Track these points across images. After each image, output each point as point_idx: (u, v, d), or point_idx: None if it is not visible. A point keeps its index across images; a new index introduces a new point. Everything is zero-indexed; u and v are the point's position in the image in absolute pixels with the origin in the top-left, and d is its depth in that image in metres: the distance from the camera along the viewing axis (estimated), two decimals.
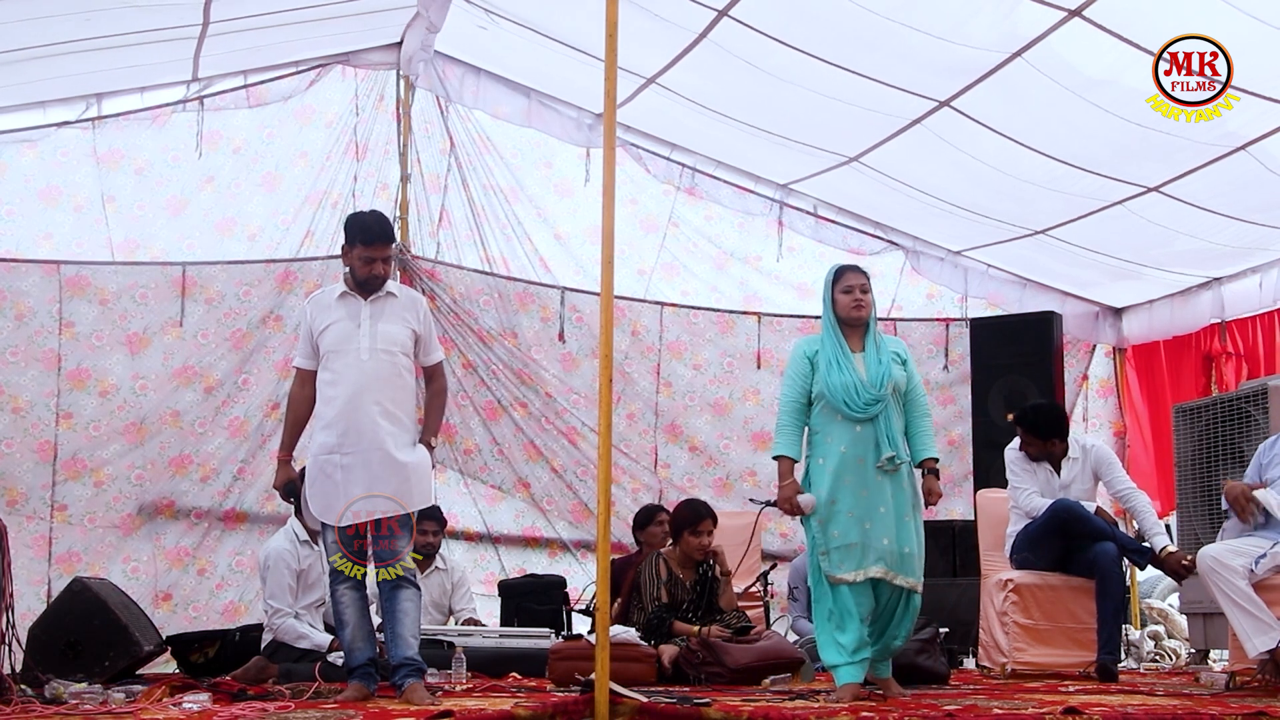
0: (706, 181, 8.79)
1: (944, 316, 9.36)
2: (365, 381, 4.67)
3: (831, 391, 4.78)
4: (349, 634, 4.69)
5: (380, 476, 4.63)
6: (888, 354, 4.89)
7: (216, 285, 7.75)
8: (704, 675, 5.69)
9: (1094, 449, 6.38)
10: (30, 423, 7.32)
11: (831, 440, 4.81)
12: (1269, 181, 6.84)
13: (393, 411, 4.69)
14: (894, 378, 4.84)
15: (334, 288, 4.89)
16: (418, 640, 4.70)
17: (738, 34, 6.70)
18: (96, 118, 7.53)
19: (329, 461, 4.67)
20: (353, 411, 4.65)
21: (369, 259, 4.74)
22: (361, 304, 4.77)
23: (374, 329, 4.73)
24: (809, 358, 4.89)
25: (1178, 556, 5.96)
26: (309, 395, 4.82)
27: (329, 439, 4.68)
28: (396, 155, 8.20)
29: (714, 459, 8.87)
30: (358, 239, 4.75)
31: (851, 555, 4.72)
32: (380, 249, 4.76)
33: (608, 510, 4.08)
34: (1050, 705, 4.28)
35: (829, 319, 4.97)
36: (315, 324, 4.80)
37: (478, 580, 8.10)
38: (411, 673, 4.61)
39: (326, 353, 4.75)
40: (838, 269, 5.08)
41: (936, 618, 6.17)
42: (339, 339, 4.73)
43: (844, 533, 4.73)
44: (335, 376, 4.70)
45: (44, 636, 5.71)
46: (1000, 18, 6.08)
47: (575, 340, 8.61)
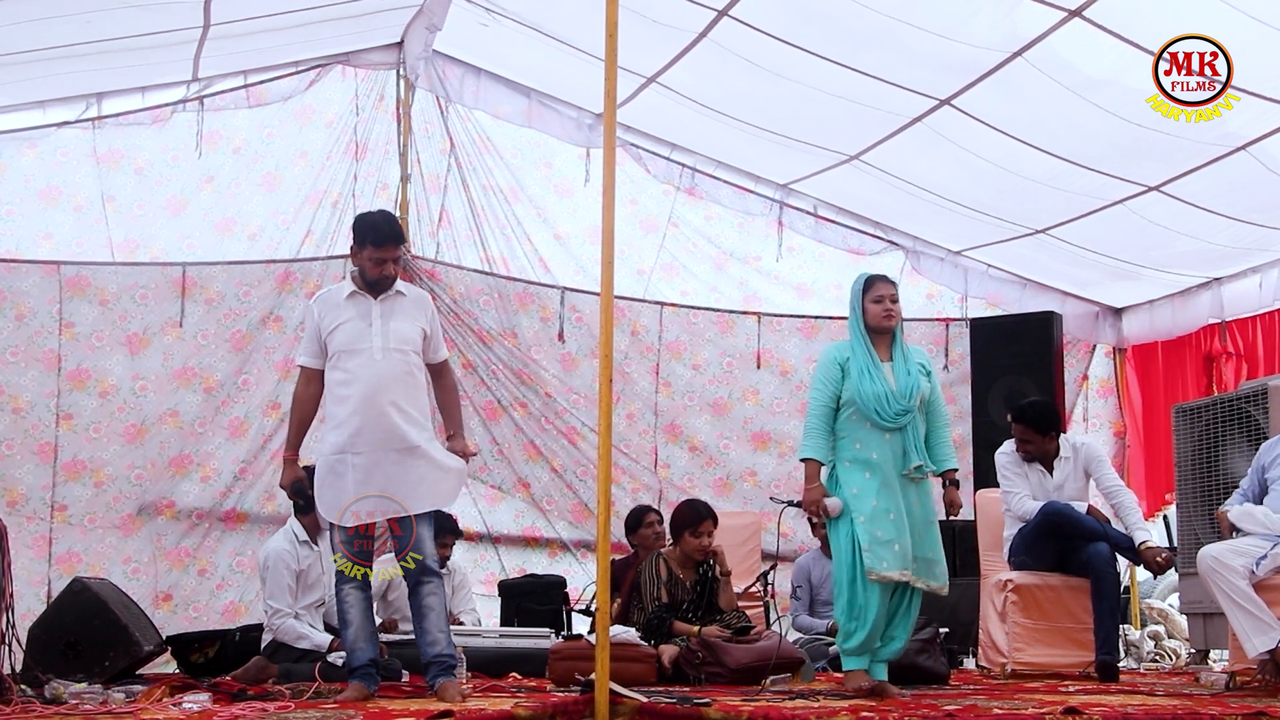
0: (706, 181, 8.79)
1: (944, 316, 9.36)
2: (380, 380, 4.65)
3: (863, 400, 4.87)
4: (351, 634, 4.68)
5: (394, 476, 4.62)
6: (915, 364, 5.02)
7: (216, 285, 7.75)
8: (704, 675, 5.69)
9: (1084, 447, 6.41)
10: (30, 423, 7.33)
11: (862, 446, 4.90)
12: (1269, 181, 6.84)
13: (407, 410, 4.68)
14: (921, 389, 4.96)
15: (341, 286, 4.87)
16: (445, 632, 4.67)
17: (738, 33, 6.70)
18: (96, 118, 7.54)
19: (340, 461, 4.64)
20: (368, 410, 4.63)
21: (379, 260, 4.72)
22: (372, 303, 4.75)
23: (386, 328, 4.71)
24: (840, 364, 4.97)
25: (1154, 551, 6.00)
26: (315, 394, 4.80)
27: (341, 438, 4.65)
28: (396, 155, 8.19)
29: (714, 459, 8.87)
30: (368, 240, 4.72)
31: (895, 555, 4.79)
32: (390, 250, 4.75)
33: (608, 510, 4.08)
34: (1050, 705, 4.28)
35: (859, 327, 5.04)
36: (324, 323, 4.76)
37: (478, 580, 8.11)
38: (442, 671, 4.62)
39: (338, 352, 4.72)
40: (867, 279, 5.14)
41: (936, 618, 6.17)
42: (351, 338, 4.70)
43: (887, 532, 4.81)
44: (349, 376, 4.67)
45: (44, 636, 5.71)
46: (1001, 17, 6.08)
47: (575, 340, 8.61)
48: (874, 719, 3.95)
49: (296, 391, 4.89)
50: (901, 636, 4.90)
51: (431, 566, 4.68)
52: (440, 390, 5.05)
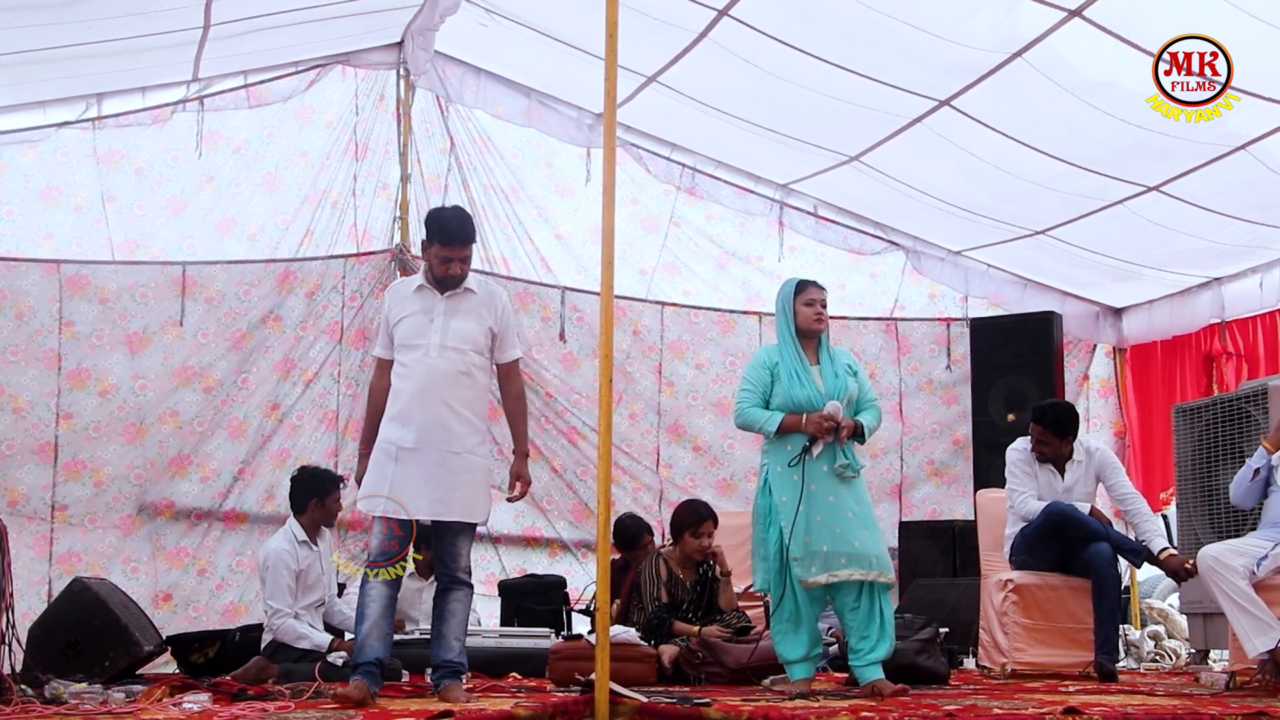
0: (707, 181, 8.79)
1: (945, 316, 9.36)
2: (433, 378, 4.61)
3: (794, 405, 4.97)
4: (365, 628, 4.58)
5: (437, 478, 4.59)
6: (841, 366, 5.10)
7: (216, 285, 7.74)
8: (704, 675, 5.70)
9: (1098, 452, 6.36)
10: (30, 423, 7.32)
11: (793, 448, 4.96)
12: (1269, 181, 6.84)
13: (461, 411, 4.64)
14: (848, 390, 5.04)
15: (413, 279, 4.84)
16: (461, 641, 4.68)
17: (738, 33, 6.71)
18: (96, 118, 7.52)
19: (386, 453, 4.62)
20: (419, 408, 4.59)
21: (446, 259, 4.66)
22: (437, 299, 4.70)
23: (446, 325, 4.67)
24: (769, 368, 5.08)
25: (1179, 559, 5.95)
26: (387, 386, 4.75)
27: (393, 432, 4.63)
28: (396, 155, 8.19)
29: (717, 459, 8.87)
30: (436, 237, 4.67)
31: (820, 560, 4.86)
32: (459, 249, 4.67)
33: (608, 510, 4.08)
34: (1050, 705, 4.27)
35: (788, 330, 5.13)
36: (392, 314, 4.75)
37: (478, 580, 8.06)
38: (448, 674, 4.62)
39: (399, 345, 4.70)
40: (798, 282, 5.22)
41: (936, 618, 6.17)
42: (411, 332, 4.67)
43: (815, 539, 4.87)
44: (404, 371, 4.66)
45: (44, 636, 5.71)
46: (1000, 18, 6.08)
47: (576, 340, 8.61)
48: (874, 719, 3.95)
49: (371, 383, 4.92)
50: (878, 636, 4.90)
51: (463, 578, 4.70)
52: (506, 397, 4.96)
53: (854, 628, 4.92)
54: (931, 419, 9.32)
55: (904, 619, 5.83)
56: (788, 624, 4.98)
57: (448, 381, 4.63)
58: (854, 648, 4.93)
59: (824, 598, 5.02)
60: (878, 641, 4.89)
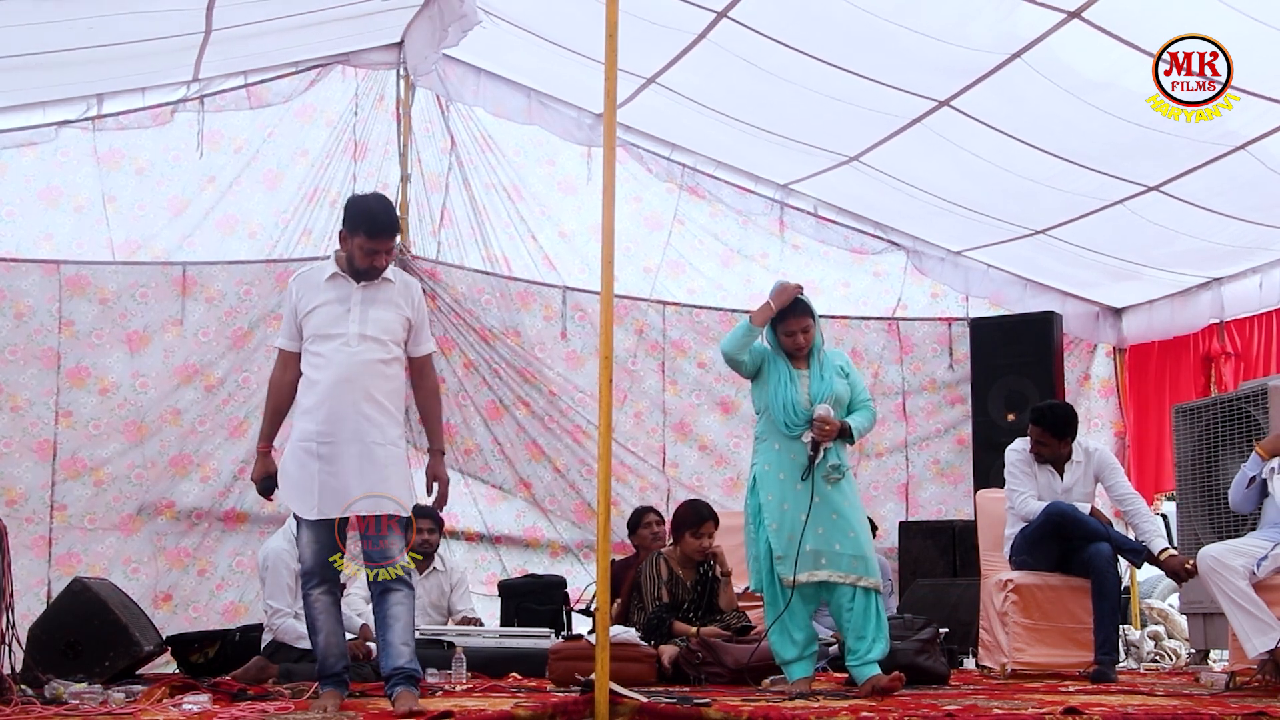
0: (707, 182, 8.79)
1: (947, 316, 9.36)
2: (351, 369, 4.33)
3: (774, 408, 5.02)
4: (321, 642, 4.39)
5: (361, 470, 4.30)
6: (832, 369, 5.11)
7: (217, 284, 7.75)
8: (704, 675, 5.69)
9: (1097, 453, 6.36)
10: (29, 421, 7.32)
11: (781, 448, 5.01)
12: (1269, 181, 6.84)
13: (382, 402, 4.36)
14: (835, 391, 5.03)
15: (323, 267, 4.53)
16: (410, 646, 4.33)
17: (737, 34, 6.70)
18: (97, 117, 7.53)
19: (306, 450, 4.34)
20: (336, 399, 4.31)
21: (372, 250, 4.39)
22: (353, 287, 4.42)
23: (365, 314, 4.38)
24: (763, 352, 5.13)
25: (1179, 560, 5.94)
26: (291, 380, 4.47)
27: (309, 426, 4.35)
28: (396, 155, 8.19)
29: (724, 458, 8.86)
30: (362, 229, 4.38)
31: (801, 560, 4.89)
32: (385, 241, 4.42)
33: (608, 510, 4.07)
34: (1050, 705, 4.27)
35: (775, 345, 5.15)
36: (301, 304, 4.45)
37: (479, 580, 8.09)
38: (400, 681, 4.25)
39: (312, 336, 4.40)
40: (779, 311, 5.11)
41: (936, 618, 6.17)
42: (326, 322, 4.38)
43: (798, 538, 4.91)
44: (320, 361, 4.36)
45: (44, 636, 5.71)
46: (999, 19, 6.08)
47: (579, 339, 8.60)
48: (874, 719, 3.95)
49: (272, 377, 4.56)
50: (874, 636, 4.91)
51: (406, 578, 4.36)
52: (420, 393, 4.67)
53: (850, 628, 4.94)
54: (936, 419, 9.31)
55: (904, 619, 5.84)
56: (779, 624, 5.00)
57: (369, 371, 4.35)
58: (850, 648, 4.95)
59: (817, 597, 5.04)
60: (874, 642, 4.90)
